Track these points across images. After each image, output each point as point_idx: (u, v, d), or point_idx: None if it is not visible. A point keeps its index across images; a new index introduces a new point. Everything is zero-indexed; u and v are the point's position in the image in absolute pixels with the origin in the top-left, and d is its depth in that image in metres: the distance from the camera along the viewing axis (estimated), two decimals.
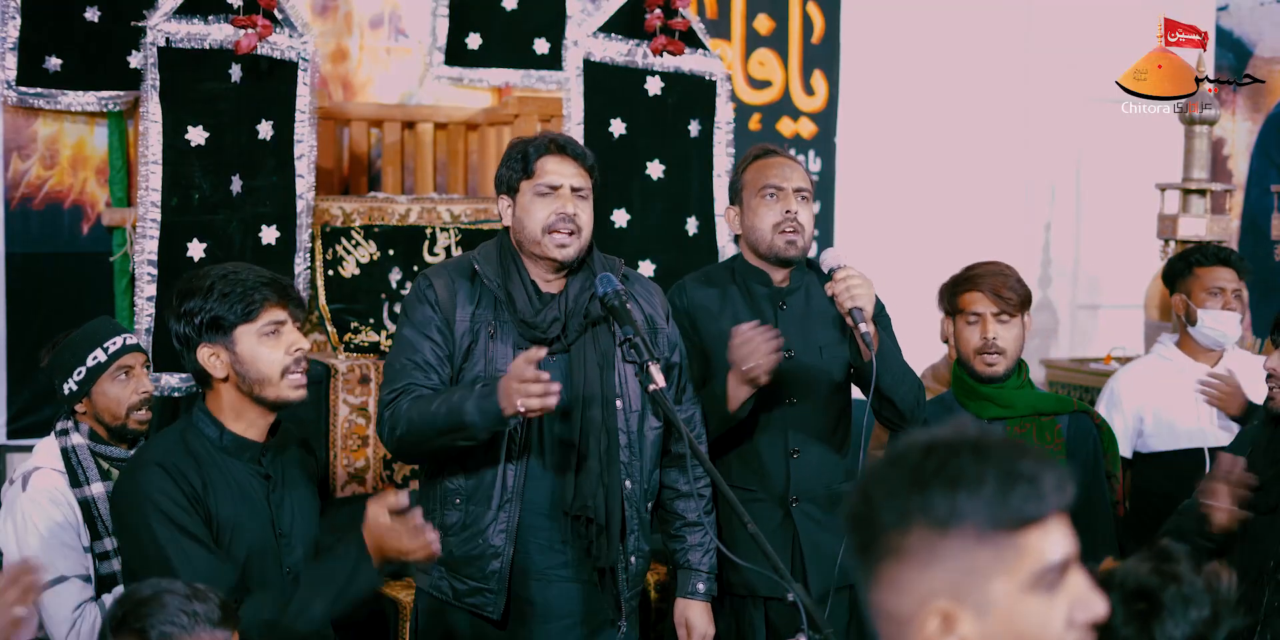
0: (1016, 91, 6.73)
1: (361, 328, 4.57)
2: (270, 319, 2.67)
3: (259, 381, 2.67)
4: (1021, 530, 1.33)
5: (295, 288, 2.80)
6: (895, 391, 3.21)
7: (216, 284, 2.67)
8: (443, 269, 3.11)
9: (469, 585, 3.00)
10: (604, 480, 2.98)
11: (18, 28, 4.53)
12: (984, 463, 1.33)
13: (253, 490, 2.71)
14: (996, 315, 3.32)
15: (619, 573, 3.04)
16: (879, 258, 5.86)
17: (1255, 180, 6.78)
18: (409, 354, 2.99)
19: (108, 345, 3.27)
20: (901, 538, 1.33)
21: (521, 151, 3.05)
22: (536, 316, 3.00)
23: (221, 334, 2.66)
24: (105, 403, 3.24)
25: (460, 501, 3.00)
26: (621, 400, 3.05)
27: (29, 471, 3.21)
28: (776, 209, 3.31)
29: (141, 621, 2.11)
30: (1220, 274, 4.07)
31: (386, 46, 5.42)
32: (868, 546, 1.36)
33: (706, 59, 4.69)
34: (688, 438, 2.79)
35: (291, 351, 2.69)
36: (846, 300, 3.07)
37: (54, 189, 4.76)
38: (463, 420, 2.83)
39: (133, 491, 2.63)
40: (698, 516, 3.16)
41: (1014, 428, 3.38)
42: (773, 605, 3.26)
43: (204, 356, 2.67)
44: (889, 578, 1.35)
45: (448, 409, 2.86)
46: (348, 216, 4.77)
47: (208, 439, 2.69)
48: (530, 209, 3.02)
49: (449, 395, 2.89)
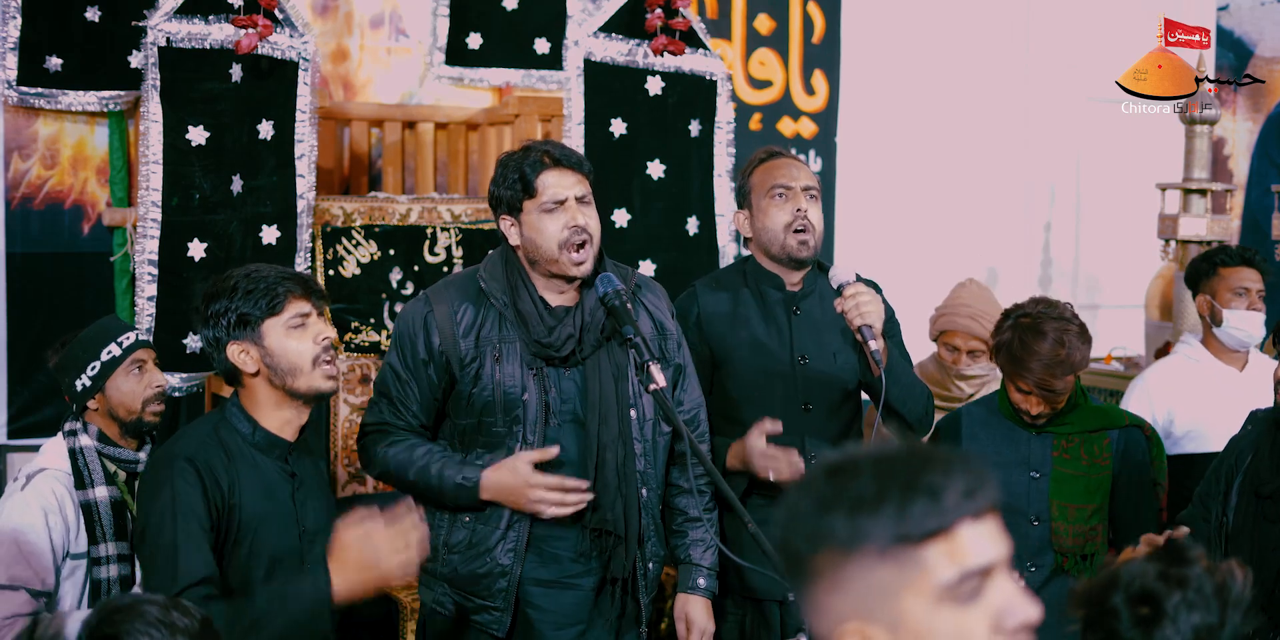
0: (1016, 91, 6.73)
1: (362, 328, 4.58)
2: (296, 311, 2.72)
3: (291, 372, 2.70)
4: (924, 544, 1.31)
5: (316, 281, 2.84)
6: (904, 405, 3.21)
7: (240, 283, 2.72)
8: (445, 291, 3.07)
9: (474, 603, 2.99)
10: (622, 492, 2.98)
11: (18, 28, 4.53)
12: (885, 480, 1.31)
13: (279, 488, 2.73)
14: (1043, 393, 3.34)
15: (638, 579, 3.03)
16: (879, 257, 5.87)
17: (1256, 180, 6.78)
18: (395, 389, 3.06)
19: (121, 340, 3.30)
20: (814, 562, 1.33)
21: (518, 171, 3.00)
22: (550, 335, 2.98)
23: (250, 330, 2.70)
24: (120, 397, 3.26)
25: (469, 519, 3.00)
26: (636, 410, 3.04)
27: (34, 472, 3.21)
28: (787, 209, 3.29)
29: (115, 628, 2.07)
30: (1245, 274, 4.08)
31: (387, 46, 5.41)
32: (791, 571, 1.37)
33: (707, 59, 4.69)
34: (688, 438, 2.79)
35: (319, 341, 2.73)
36: (856, 317, 3.06)
37: (54, 189, 4.76)
38: (441, 498, 2.99)
39: (159, 482, 2.65)
40: (699, 512, 3.15)
41: (1060, 441, 3.39)
42: (785, 609, 3.26)
43: (234, 354, 2.71)
44: (810, 601, 1.35)
45: (431, 483, 2.98)
46: (348, 216, 4.77)
47: (240, 434, 2.72)
48: (541, 227, 2.98)
49: (430, 467, 2.99)
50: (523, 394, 2.97)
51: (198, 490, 2.61)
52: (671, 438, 3.13)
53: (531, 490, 2.90)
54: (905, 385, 3.21)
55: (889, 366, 3.11)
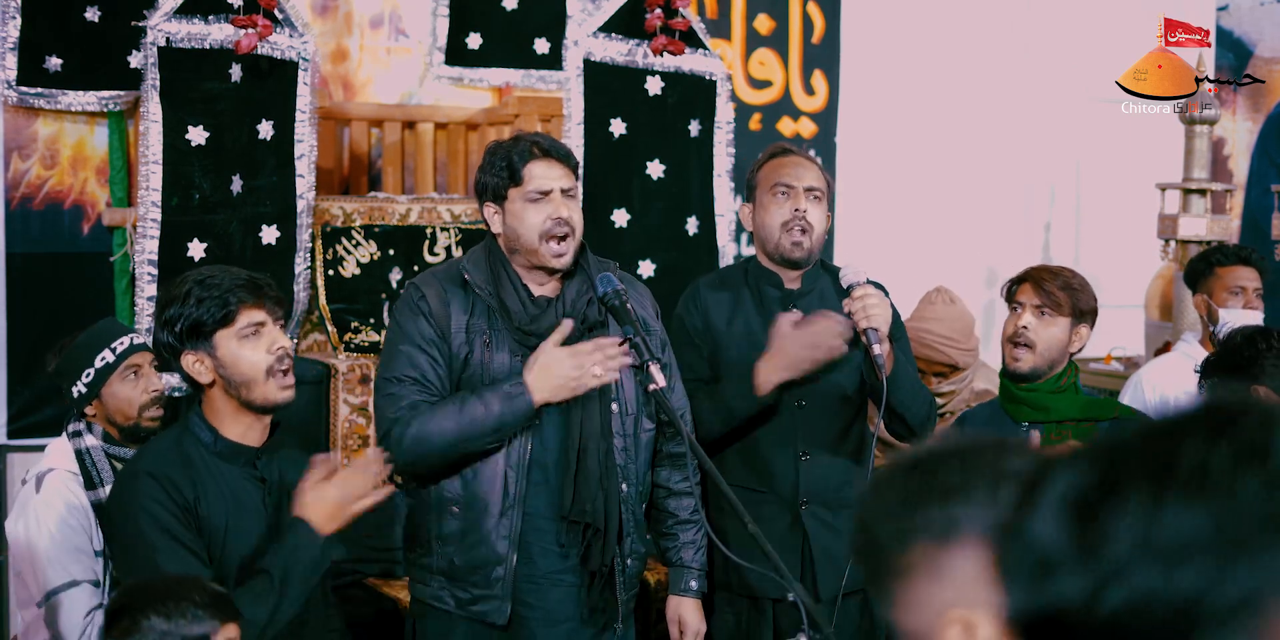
0: (1016, 91, 6.73)
1: (362, 327, 4.57)
2: (248, 320, 2.64)
3: (244, 384, 2.64)
4: None
5: (273, 286, 2.74)
6: (907, 409, 3.21)
7: (193, 289, 2.64)
8: (432, 278, 3.07)
9: (472, 594, 2.99)
10: (603, 484, 2.98)
11: (18, 28, 4.52)
12: (969, 469, 1.34)
13: (247, 495, 2.69)
14: (1038, 307, 3.28)
15: (616, 575, 3.04)
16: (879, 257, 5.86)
17: (1255, 180, 6.78)
18: (407, 369, 2.96)
19: (115, 345, 3.26)
20: (905, 557, 1.34)
21: (505, 159, 3.01)
22: (533, 324, 2.99)
23: (203, 340, 2.63)
24: (116, 403, 3.23)
25: (459, 510, 2.99)
26: (618, 404, 3.05)
27: (43, 472, 3.19)
28: (786, 207, 3.29)
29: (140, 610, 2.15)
30: (1241, 273, 4.09)
31: (387, 46, 5.41)
32: (876, 572, 1.37)
33: (707, 59, 4.69)
34: (689, 438, 2.79)
35: (273, 350, 2.65)
36: (862, 320, 3.06)
37: (54, 189, 4.75)
38: (497, 423, 2.88)
39: (125, 501, 2.63)
40: (690, 514, 3.17)
41: (1049, 434, 3.35)
42: (780, 607, 3.26)
43: (189, 364, 2.65)
44: (903, 598, 1.36)
45: (477, 415, 2.88)
46: (348, 216, 4.77)
47: (202, 444, 2.68)
48: (523, 216, 2.99)
49: (468, 403, 2.90)
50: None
51: (165, 506, 2.58)
52: (655, 435, 3.14)
53: (576, 358, 2.85)
54: (908, 390, 3.21)
55: (892, 370, 3.11)
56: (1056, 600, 0.82)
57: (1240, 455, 0.80)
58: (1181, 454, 0.81)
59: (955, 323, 4.18)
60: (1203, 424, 0.82)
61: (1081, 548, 0.82)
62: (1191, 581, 0.79)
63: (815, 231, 3.30)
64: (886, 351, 3.07)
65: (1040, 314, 3.27)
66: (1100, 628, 0.81)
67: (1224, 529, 0.78)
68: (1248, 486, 0.79)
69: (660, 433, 3.16)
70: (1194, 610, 0.79)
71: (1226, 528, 0.78)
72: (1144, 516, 0.80)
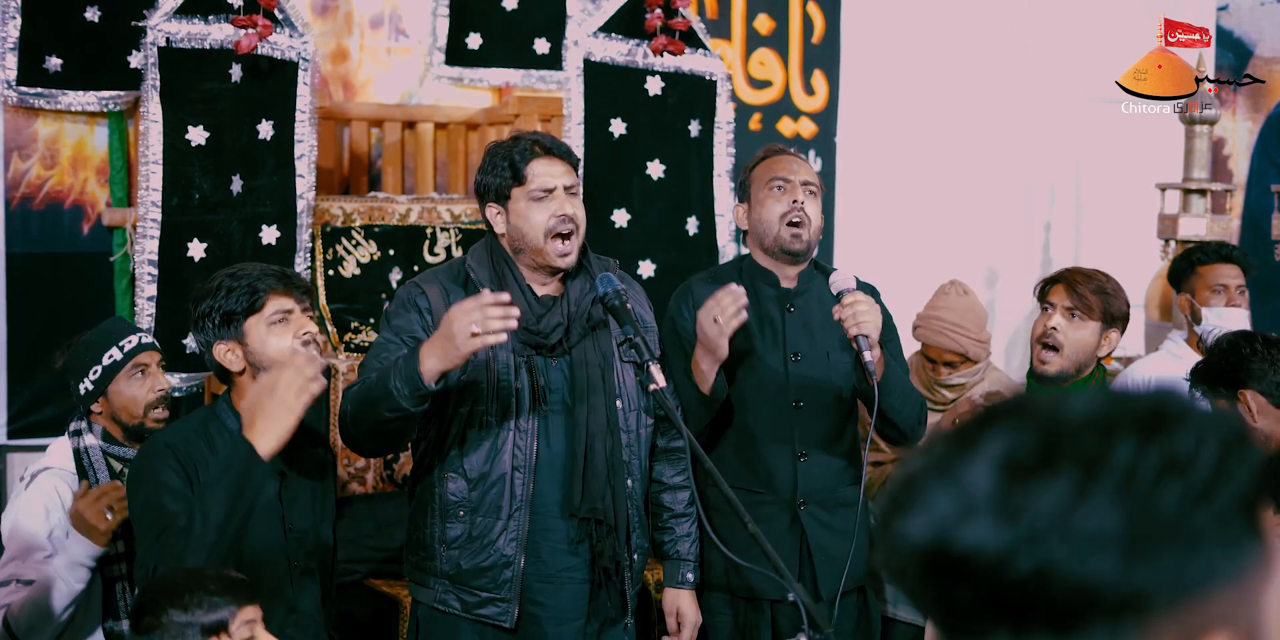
0: (1016, 91, 6.72)
1: (362, 328, 4.58)
2: (277, 307, 2.74)
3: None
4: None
5: (300, 277, 2.86)
6: (898, 414, 3.22)
7: (224, 282, 2.75)
8: (434, 276, 3.08)
9: (480, 597, 2.99)
10: (611, 481, 2.99)
11: (18, 28, 4.53)
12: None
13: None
14: (1069, 309, 3.28)
15: (623, 570, 3.05)
16: (878, 257, 5.87)
17: (1255, 180, 6.78)
18: (381, 356, 2.92)
19: (123, 343, 3.27)
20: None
21: (507, 158, 3.02)
22: (538, 323, 2.99)
23: (233, 329, 2.73)
24: (122, 402, 3.24)
25: (465, 514, 2.99)
26: (621, 400, 3.06)
27: (38, 471, 3.23)
28: (784, 200, 3.29)
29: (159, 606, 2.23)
30: (1223, 271, 4.08)
31: (387, 46, 5.41)
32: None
33: (707, 59, 4.69)
34: (689, 437, 2.79)
35: (301, 336, 2.74)
36: (852, 326, 3.07)
37: (54, 189, 4.75)
38: (387, 389, 2.73)
39: (145, 469, 2.68)
40: (683, 508, 3.20)
41: None
42: (779, 608, 3.26)
43: (220, 353, 2.74)
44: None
45: (372, 382, 2.80)
46: (348, 216, 4.77)
47: (228, 430, 2.72)
48: (528, 215, 3.00)
49: (372, 379, 2.82)
50: (515, 382, 2.97)
51: (180, 476, 2.62)
52: (653, 431, 3.15)
53: (453, 319, 2.67)
54: (899, 395, 3.22)
55: (883, 376, 3.12)
56: (971, 543, 0.86)
57: (1166, 465, 0.85)
58: (1116, 452, 0.86)
59: (968, 313, 4.17)
60: (1145, 425, 0.87)
61: (1005, 507, 0.85)
62: (1095, 569, 0.84)
63: (813, 224, 3.31)
64: (878, 357, 3.08)
65: (1071, 316, 3.28)
66: (1008, 586, 0.85)
67: (1135, 530, 0.84)
68: (1165, 496, 0.85)
69: (655, 427, 3.17)
70: (1092, 596, 0.84)
71: (1138, 529, 0.84)
72: (1067, 501, 0.85)
